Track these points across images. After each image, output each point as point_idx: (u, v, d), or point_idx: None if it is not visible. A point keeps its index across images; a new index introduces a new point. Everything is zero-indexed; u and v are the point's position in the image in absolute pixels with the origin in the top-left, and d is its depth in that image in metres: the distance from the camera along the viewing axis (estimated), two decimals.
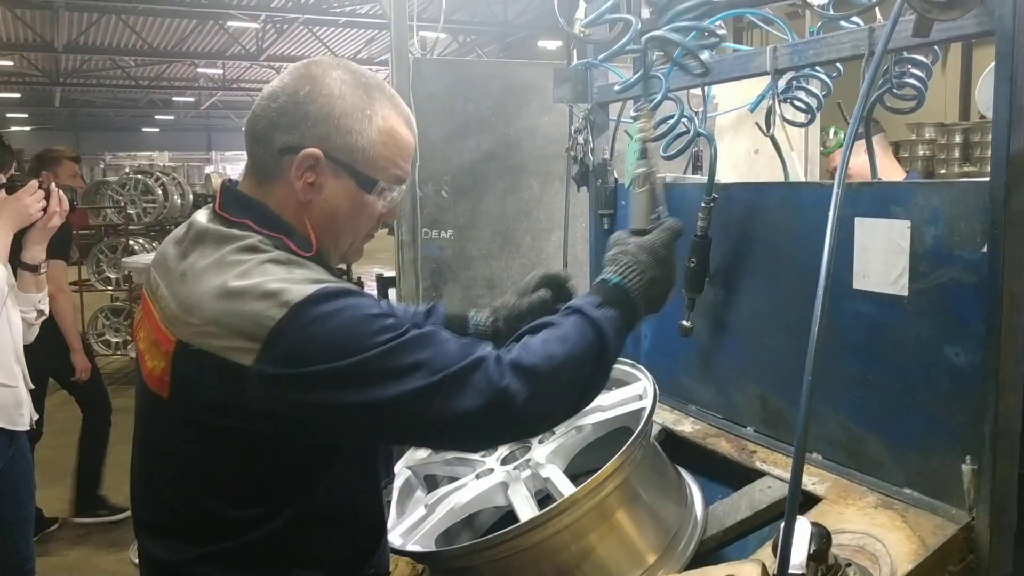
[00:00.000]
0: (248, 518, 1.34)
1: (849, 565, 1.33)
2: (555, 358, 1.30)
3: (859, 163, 2.33)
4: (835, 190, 1.32)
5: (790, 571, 1.18)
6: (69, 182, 5.30)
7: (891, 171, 3.39)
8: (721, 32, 1.82)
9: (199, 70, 23.73)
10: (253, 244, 1.33)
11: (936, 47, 1.83)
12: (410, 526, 1.70)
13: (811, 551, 1.21)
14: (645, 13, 1.89)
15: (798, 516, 1.21)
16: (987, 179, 1.38)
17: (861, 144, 1.89)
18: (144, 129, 35.92)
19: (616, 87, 2.16)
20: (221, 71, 23.94)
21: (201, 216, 1.43)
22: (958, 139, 8.84)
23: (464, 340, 1.32)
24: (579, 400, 1.38)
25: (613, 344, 1.37)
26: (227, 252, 1.32)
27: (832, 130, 3.58)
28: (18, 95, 27.12)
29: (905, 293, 1.54)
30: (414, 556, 1.66)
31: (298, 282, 1.26)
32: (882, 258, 1.57)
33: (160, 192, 9.71)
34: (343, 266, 1.98)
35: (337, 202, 1.39)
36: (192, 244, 1.38)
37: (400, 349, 1.25)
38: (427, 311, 1.80)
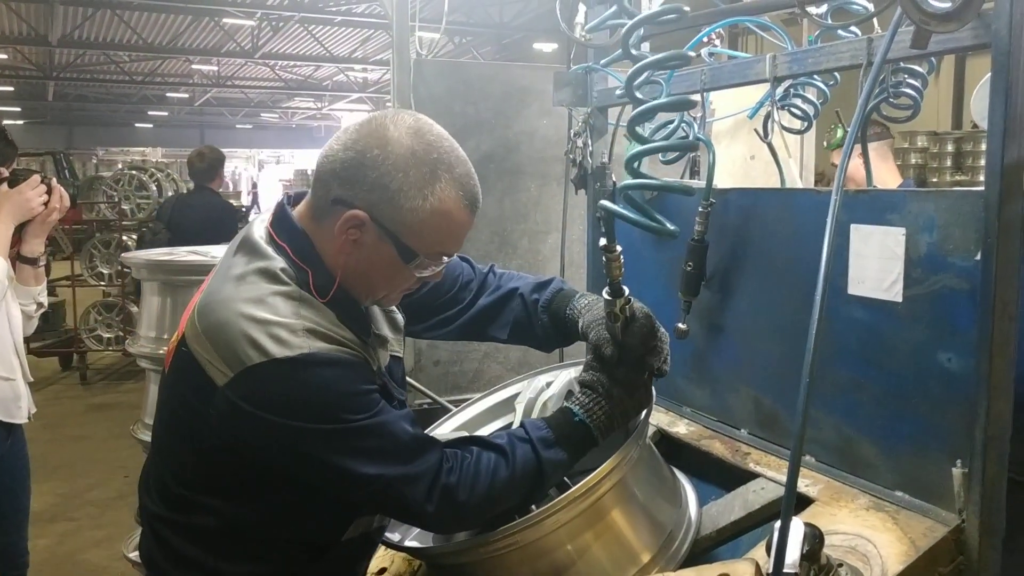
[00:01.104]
0: (191, 501, 1.46)
1: (841, 565, 1.35)
2: (488, 498, 1.42)
3: (852, 166, 2.34)
4: (833, 197, 1.34)
5: (784, 570, 1.21)
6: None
7: (888, 178, 3.40)
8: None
9: (194, 66, 23.59)
10: (274, 271, 1.39)
11: (932, 58, 1.85)
12: None
13: (804, 551, 1.23)
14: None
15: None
16: (981, 188, 1.40)
17: (858, 146, 1.91)
18: (137, 125, 35.63)
19: (617, 91, 2.19)
20: (216, 68, 23.82)
21: (258, 222, 1.49)
22: (950, 148, 8.88)
23: (420, 437, 1.41)
24: (495, 518, 1.47)
25: (549, 483, 1.50)
26: (251, 270, 1.40)
27: (840, 131, 3.58)
28: (11, 89, 26.94)
29: (899, 299, 1.56)
30: (410, 552, 1.68)
31: (294, 333, 1.32)
32: (877, 264, 1.59)
33: (154, 188, 9.72)
34: None
35: (374, 263, 1.43)
36: (239, 247, 1.46)
37: (357, 432, 1.34)
38: (539, 284, 1.74)
